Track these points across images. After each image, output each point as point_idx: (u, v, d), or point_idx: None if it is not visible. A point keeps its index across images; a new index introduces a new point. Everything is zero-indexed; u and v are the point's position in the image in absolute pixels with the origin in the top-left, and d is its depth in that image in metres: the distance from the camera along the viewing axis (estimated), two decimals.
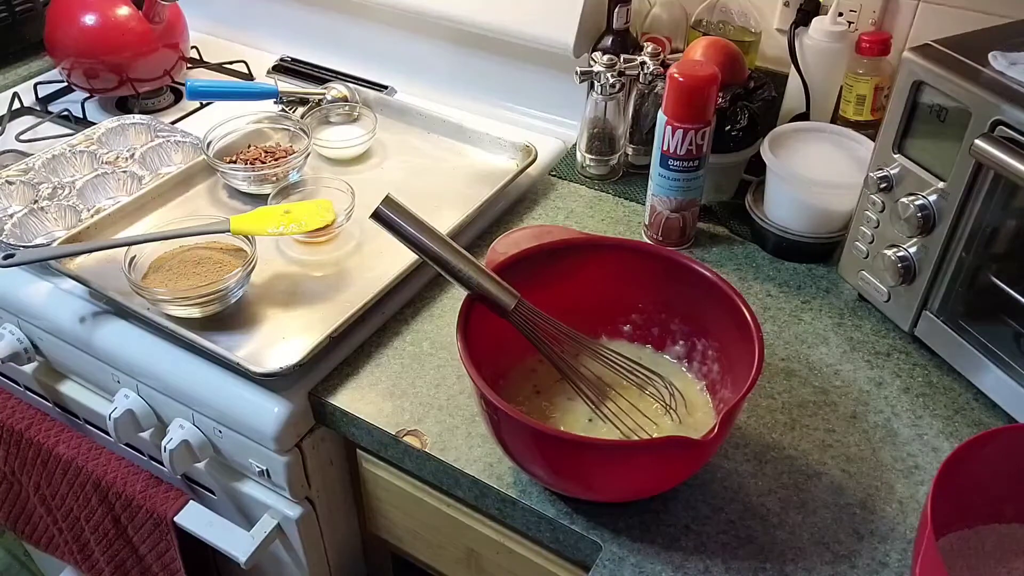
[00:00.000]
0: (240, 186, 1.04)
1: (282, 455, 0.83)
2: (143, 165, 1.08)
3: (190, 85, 1.13)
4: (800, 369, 0.83)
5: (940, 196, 0.76)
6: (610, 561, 0.67)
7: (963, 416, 0.79)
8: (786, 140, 0.95)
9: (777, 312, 0.90)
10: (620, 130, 1.07)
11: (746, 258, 0.97)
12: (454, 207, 0.99)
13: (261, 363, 0.80)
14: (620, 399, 0.73)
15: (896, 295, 0.84)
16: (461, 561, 0.88)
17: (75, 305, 0.91)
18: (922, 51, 0.76)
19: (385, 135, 1.15)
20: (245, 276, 0.87)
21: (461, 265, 0.68)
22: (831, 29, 0.97)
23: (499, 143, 1.11)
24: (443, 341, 0.87)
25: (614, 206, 1.06)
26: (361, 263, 0.94)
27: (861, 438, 0.76)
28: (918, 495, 0.72)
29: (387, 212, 0.67)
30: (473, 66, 1.23)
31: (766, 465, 0.74)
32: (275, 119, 1.11)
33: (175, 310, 0.85)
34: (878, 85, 0.96)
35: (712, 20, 1.05)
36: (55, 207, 1.00)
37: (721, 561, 0.67)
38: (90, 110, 1.24)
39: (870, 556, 0.67)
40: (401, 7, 1.19)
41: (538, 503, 0.72)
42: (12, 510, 1.17)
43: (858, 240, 0.86)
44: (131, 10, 1.20)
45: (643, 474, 0.66)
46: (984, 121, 0.70)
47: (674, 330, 0.79)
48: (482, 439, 0.77)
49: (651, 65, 1.01)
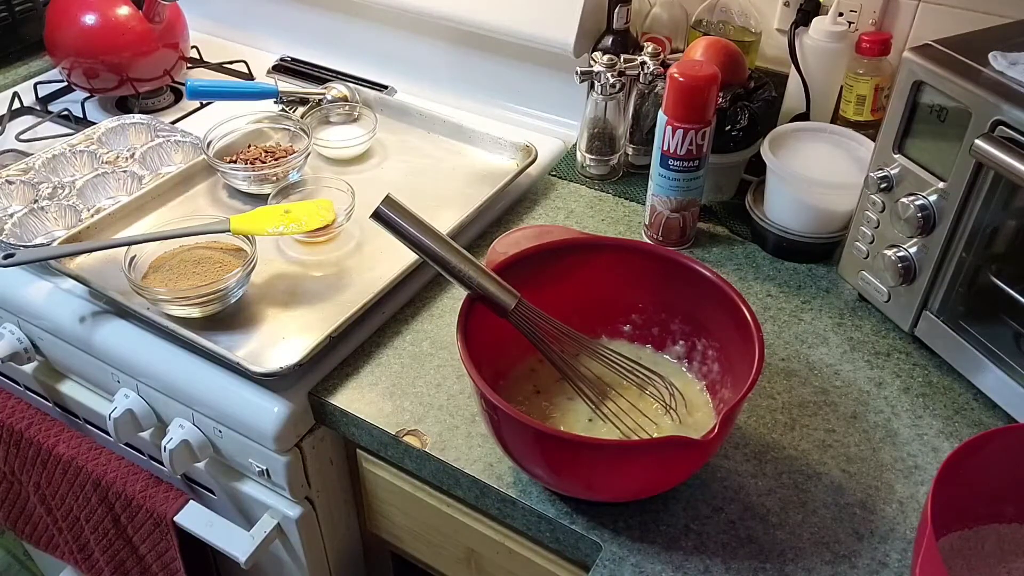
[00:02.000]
0: (240, 186, 1.04)
1: (282, 455, 0.83)
2: (143, 165, 1.08)
3: (190, 85, 1.13)
4: (800, 369, 0.83)
5: (940, 196, 0.76)
6: (610, 561, 0.67)
7: (963, 416, 0.79)
8: (786, 140, 0.95)
9: (777, 312, 0.90)
10: (620, 130, 1.07)
11: (746, 258, 0.97)
12: (454, 207, 0.99)
13: (261, 363, 0.80)
14: (620, 399, 0.73)
15: (896, 295, 0.84)
16: (461, 561, 0.88)
17: (75, 305, 0.91)
18: (922, 51, 0.76)
19: (385, 135, 1.15)
20: (245, 276, 0.87)
21: (461, 265, 0.68)
22: (831, 29, 0.97)
23: (499, 143, 1.11)
24: (443, 341, 0.87)
25: (614, 206, 1.06)
26: (361, 263, 0.94)
27: (861, 438, 0.76)
28: (918, 495, 0.72)
29: (387, 212, 0.67)
30: (473, 66, 1.23)
31: (766, 465, 0.74)
32: (275, 119, 1.11)
33: (175, 310, 0.85)
34: (878, 85, 0.96)
35: (712, 20, 1.05)
36: (55, 207, 1.00)
37: (721, 561, 0.67)
38: (90, 110, 1.24)
39: (870, 556, 0.67)
40: (401, 7, 1.19)
41: (538, 503, 0.72)
42: (12, 510, 1.17)
43: (858, 240, 0.86)
44: (131, 10, 1.20)
45: (643, 474, 0.66)
46: (984, 121, 0.70)
47: (674, 330, 0.79)
48: (482, 439, 0.77)
49: (651, 65, 1.01)
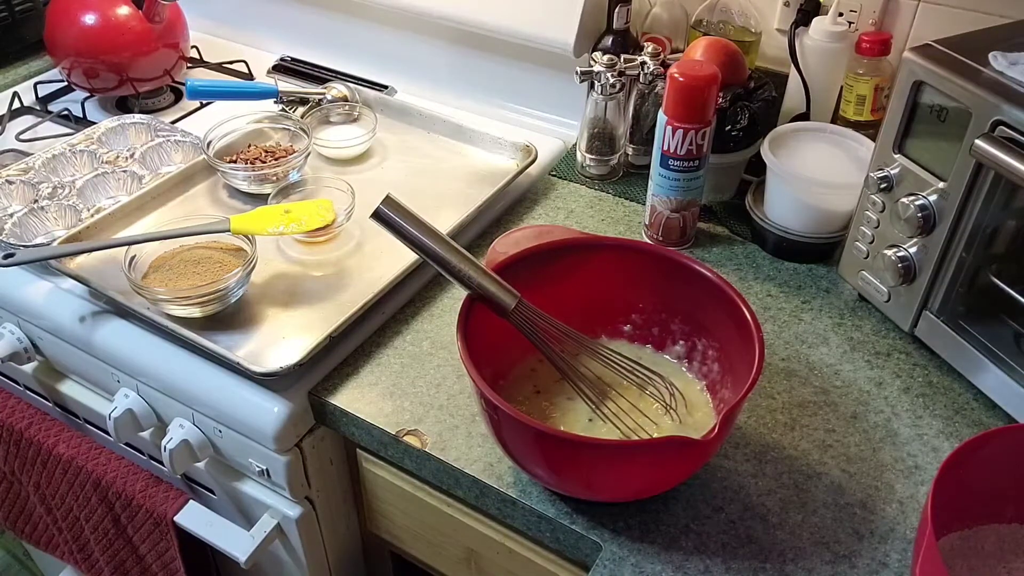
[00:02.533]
0: (240, 186, 1.04)
1: (282, 455, 0.83)
2: (143, 165, 1.08)
3: (190, 85, 1.13)
4: (800, 369, 0.83)
5: (940, 196, 0.76)
6: (610, 561, 0.67)
7: (963, 416, 0.79)
8: (786, 140, 0.95)
9: (777, 312, 0.90)
10: (620, 130, 1.07)
11: (746, 258, 0.97)
12: (454, 207, 0.99)
13: (261, 363, 0.80)
14: (620, 399, 0.73)
15: (896, 295, 0.84)
16: (461, 561, 0.87)
17: (75, 305, 0.91)
18: (922, 51, 0.76)
19: (385, 135, 1.15)
20: (245, 276, 0.87)
21: (461, 265, 0.68)
22: (831, 29, 0.97)
23: (499, 143, 1.11)
24: (443, 341, 0.87)
25: (614, 206, 1.06)
26: (361, 263, 0.94)
27: (861, 438, 0.76)
28: (918, 495, 0.72)
29: (387, 212, 0.67)
30: (473, 66, 1.22)
31: (766, 465, 0.74)
32: (275, 119, 1.10)
33: (175, 310, 0.85)
34: (878, 85, 0.96)
35: (712, 20, 1.05)
36: (55, 206, 1.00)
37: (721, 561, 0.67)
38: (90, 109, 1.24)
39: (870, 556, 0.67)
40: (401, 7, 1.19)
41: (538, 503, 0.72)
42: (12, 510, 1.17)
43: (858, 240, 0.86)
44: (131, 9, 1.20)
45: (643, 474, 0.66)
46: (984, 121, 0.70)
47: (674, 330, 0.79)
48: (482, 439, 0.77)
49: (651, 65, 1.01)
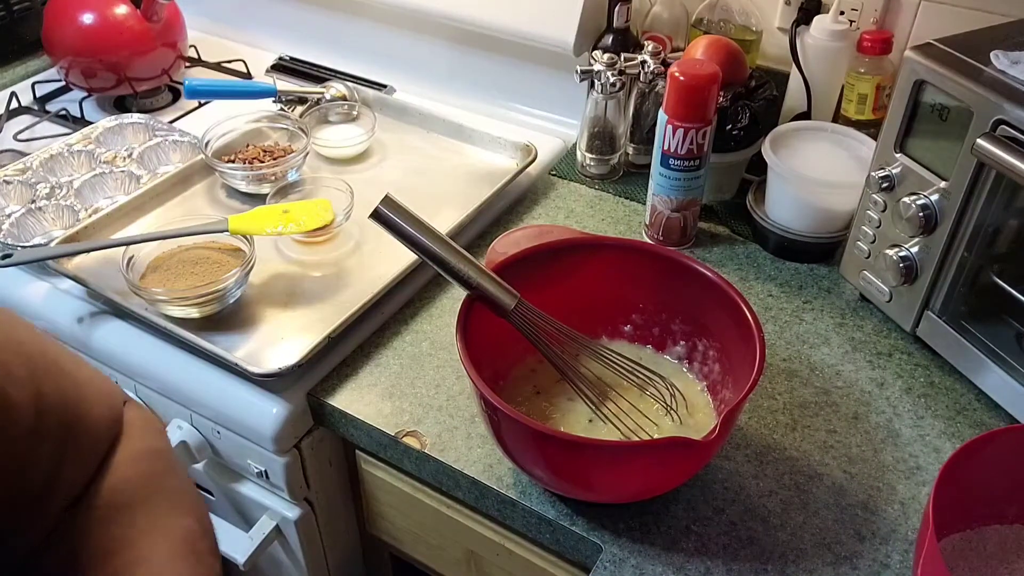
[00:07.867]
0: (239, 185, 1.03)
1: (281, 456, 0.83)
2: (141, 164, 1.08)
3: (188, 84, 1.12)
4: (801, 369, 0.83)
5: (942, 196, 0.75)
6: (611, 563, 0.67)
7: (965, 417, 0.78)
8: (787, 139, 0.94)
9: (778, 312, 0.89)
10: (621, 129, 1.06)
11: (747, 258, 0.97)
12: (454, 207, 0.98)
13: (260, 363, 0.80)
14: (620, 400, 0.73)
15: (898, 295, 0.83)
16: (461, 562, 0.87)
17: (73, 305, 0.91)
18: (924, 50, 0.75)
19: (384, 134, 1.15)
20: (243, 276, 0.86)
21: (461, 265, 0.68)
22: (832, 28, 0.97)
23: (499, 142, 1.11)
24: (443, 341, 0.86)
25: (615, 206, 1.05)
26: (360, 263, 0.94)
27: (863, 439, 0.76)
28: (920, 496, 0.71)
29: (386, 212, 0.67)
30: (473, 65, 1.22)
31: (767, 466, 0.74)
32: (274, 118, 1.10)
33: (173, 310, 0.85)
34: (880, 84, 0.96)
35: (713, 19, 1.05)
36: (53, 207, 1.00)
37: (722, 563, 0.66)
38: (88, 109, 1.23)
39: (872, 557, 0.67)
40: (400, 5, 1.19)
41: (538, 504, 0.71)
42: None
43: (860, 240, 0.86)
44: (129, 9, 1.20)
45: (644, 475, 0.65)
46: (986, 120, 0.69)
47: (675, 330, 0.78)
48: (482, 440, 0.76)
49: (652, 64, 1.00)
